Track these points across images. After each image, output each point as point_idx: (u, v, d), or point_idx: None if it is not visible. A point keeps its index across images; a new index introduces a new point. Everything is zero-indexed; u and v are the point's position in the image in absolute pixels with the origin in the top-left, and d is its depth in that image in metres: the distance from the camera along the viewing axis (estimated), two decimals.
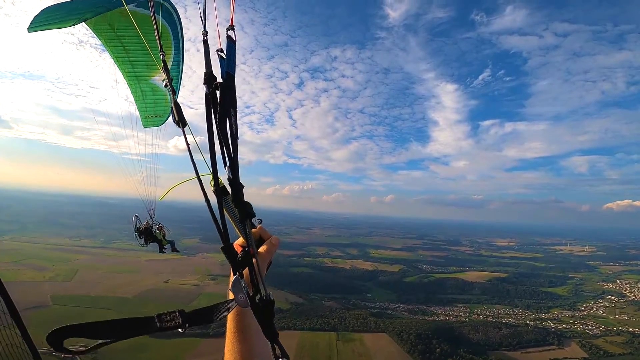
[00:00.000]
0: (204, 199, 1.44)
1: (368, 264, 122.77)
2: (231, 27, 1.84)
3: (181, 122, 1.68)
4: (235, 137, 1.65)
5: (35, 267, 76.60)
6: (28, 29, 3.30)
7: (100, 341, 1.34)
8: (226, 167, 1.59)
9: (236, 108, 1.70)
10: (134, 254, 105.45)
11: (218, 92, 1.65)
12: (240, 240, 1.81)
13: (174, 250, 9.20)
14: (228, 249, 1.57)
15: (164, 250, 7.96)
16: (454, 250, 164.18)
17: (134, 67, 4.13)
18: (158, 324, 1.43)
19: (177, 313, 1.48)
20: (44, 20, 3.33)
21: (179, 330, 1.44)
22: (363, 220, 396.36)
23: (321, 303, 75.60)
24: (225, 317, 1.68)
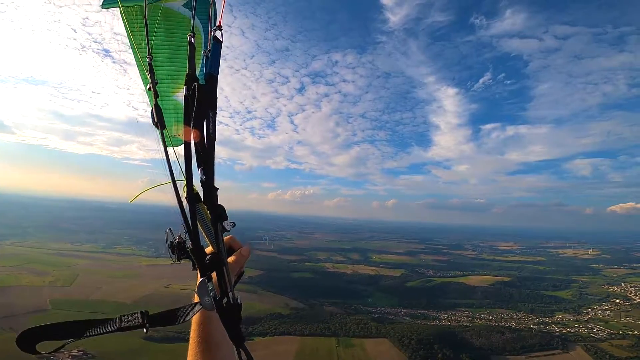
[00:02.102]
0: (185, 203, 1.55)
1: (369, 268, 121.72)
2: (219, 28, 1.85)
3: (160, 124, 1.72)
4: (212, 138, 1.60)
5: (36, 271, 76.21)
6: (102, 5, 2.99)
7: (65, 341, 1.38)
8: (199, 170, 1.56)
9: (215, 109, 1.65)
10: (134, 258, 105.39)
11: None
12: (210, 248, 1.76)
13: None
14: (196, 251, 1.58)
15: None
16: (456, 255, 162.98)
17: (159, 82, 3.69)
18: (118, 324, 1.46)
19: (138, 314, 1.51)
20: None
21: (144, 330, 1.49)
22: (365, 225, 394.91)
23: (322, 308, 74.79)
24: (190, 320, 1.68)
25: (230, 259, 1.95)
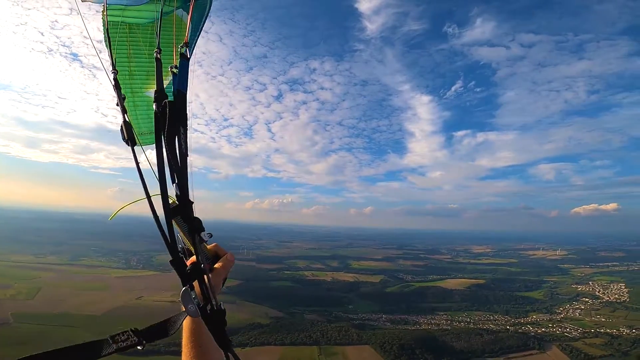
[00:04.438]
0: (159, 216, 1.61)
1: (349, 275, 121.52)
2: (185, 45, 1.92)
3: (130, 140, 1.73)
4: (184, 154, 1.65)
5: None
6: None
7: None
8: (174, 185, 1.63)
9: (186, 126, 1.70)
10: (103, 270, 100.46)
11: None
12: (194, 257, 1.84)
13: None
14: (176, 261, 1.63)
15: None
16: (433, 259, 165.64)
17: (131, 77, 3.62)
18: (114, 346, 1.44)
19: (130, 332, 1.51)
20: None
21: (138, 348, 1.51)
22: (343, 232, 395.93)
23: (302, 317, 73.52)
24: (180, 330, 1.74)
25: (217, 265, 2.03)
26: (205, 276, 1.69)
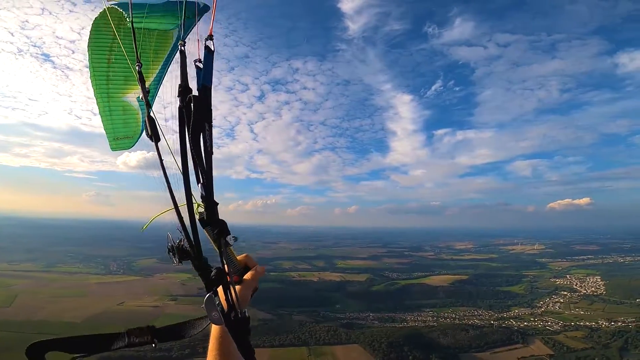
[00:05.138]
0: (175, 218, 1.53)
1: (335, 275, 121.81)
2: (210, 37, 1.81)
3: (154, 136, 1.63)
4: (209, 152, 1.58)
5: None
6: None
7: (75, 356, 1.45)
8: (199, 185, 1.55)
9: (211, 122, 1.62)
10: (81, 277, 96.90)
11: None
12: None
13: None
14: (201, 266, 1.58)
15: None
16: (417, 256, 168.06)
17: (108, 82, 3.64)
18: (127, 340, 1.46)
19: (145, 329, 1.52)
20: None
21: (152, 345, 1.53)
22: (328, 232, 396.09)
23: (290, 318, 73.07)
24: (198, 334, 1.77)
25: (247, 276, 2.09)
26: (230, 286, 1.66)
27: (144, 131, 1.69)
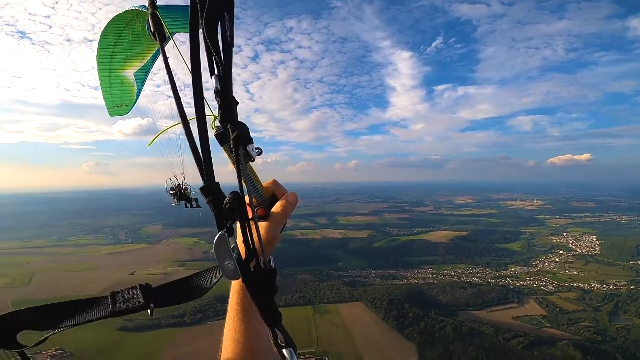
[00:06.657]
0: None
1: (337, 232, 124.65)
2: None
3: (158, 34, 1.32)
4: (230, 43, 1.14)
5: None
6: None
7: (45, 335, 1.10)
8: (212, 76, 1.10)
9: (233, 12, 1.14)
10: (92, 249, 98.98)
11: None
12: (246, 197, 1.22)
13: (198, 206, 7.81)
14: (210, 189, 1.05)
15: (192, 206, 6.89)
16: (417, 211, 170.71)
17: (111, 60, 4.37)
18: (111, 306, 1.09)
19: (137, 290, 1.13)
20: None
21: (149, 313, 1.12)
22: (329, 188, 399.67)
23: (295, 277, 75.83)
24: (207, 292, 1.29)
25: (275, 208, 1.52)
26: (251, 222, 1.12)
27: (147, 28, 1.26)
